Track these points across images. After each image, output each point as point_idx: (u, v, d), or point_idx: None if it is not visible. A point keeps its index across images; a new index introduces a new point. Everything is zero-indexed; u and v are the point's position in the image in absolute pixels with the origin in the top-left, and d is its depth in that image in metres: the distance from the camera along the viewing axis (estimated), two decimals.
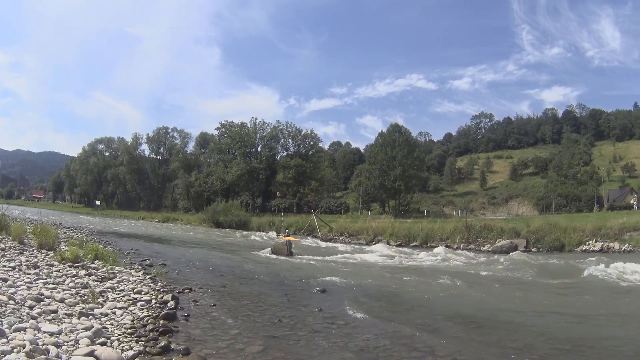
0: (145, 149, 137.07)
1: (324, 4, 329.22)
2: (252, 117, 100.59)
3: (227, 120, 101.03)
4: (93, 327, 6.73)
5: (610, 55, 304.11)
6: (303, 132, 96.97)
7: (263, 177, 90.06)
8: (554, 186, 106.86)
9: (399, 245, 35.15)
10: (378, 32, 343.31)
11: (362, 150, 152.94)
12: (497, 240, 32.86)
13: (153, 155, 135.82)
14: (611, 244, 30.66)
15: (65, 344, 5.89)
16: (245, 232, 51.50)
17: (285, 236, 33.11)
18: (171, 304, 9.31)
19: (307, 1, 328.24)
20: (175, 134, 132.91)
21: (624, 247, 29.92)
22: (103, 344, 6.25)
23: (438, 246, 32.47)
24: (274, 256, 23.59)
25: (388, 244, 35.95)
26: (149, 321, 7.81)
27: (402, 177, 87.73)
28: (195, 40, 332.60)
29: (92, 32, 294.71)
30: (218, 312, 9.42)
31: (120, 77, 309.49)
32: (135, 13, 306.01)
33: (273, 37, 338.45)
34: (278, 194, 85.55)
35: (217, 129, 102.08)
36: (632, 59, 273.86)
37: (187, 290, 11.29)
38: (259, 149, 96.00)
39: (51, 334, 6.10)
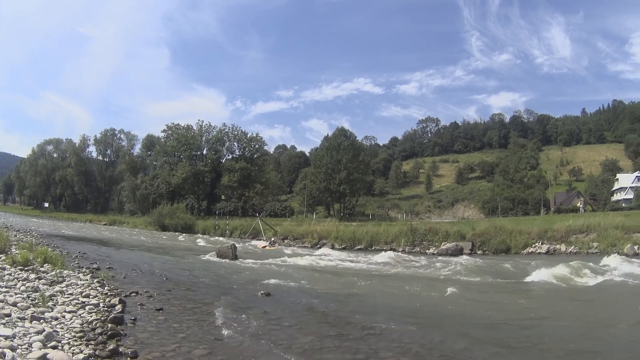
0: (92, 150, 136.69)
1: (273, 6, 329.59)
2: (199, 120, 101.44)
3: (173, 123, 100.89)
4: (45, 330, 6.72)
5: (559, 62, 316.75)
6: (248, 136, 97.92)
7: (208, 180, 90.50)
8: (500, 190, 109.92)
9: (343, 249, 35.50)
10: (326, 35, 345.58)
11: (308, 154, 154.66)
12: (443, 243, 33.20)
13: (100, 157, 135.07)
14: (557, 246, 31.35)
15: (20, 347, 5.90)
16: (190, 236, 51.32)
17: (271, 246, 33.60)
18: (118, 307, 9.33)
19: (256, 4, 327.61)
20: (122, 136, 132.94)
21: (570, 249, 30.59)
22: (55, 347, 6.28)
23: (383, 249, 32.90)
24: (218, 259, 23.60)
25: (333, 247, 36.24)
26: (98, 325, 7.83)
27: (347, 181, 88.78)
28: (145, 41, 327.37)
29: (44, 31, 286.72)
30: (164, 315, 9.45)
31: (70, 77, 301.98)
32: (88, 12, 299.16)
33: (221, 39, 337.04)
34: (223, 197, 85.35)
35: (164, 131, 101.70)
36: (582, 66, 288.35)
37: (134, 294, 11.25)
38: (204, 151, 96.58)
39: (6, 337, 6.10)
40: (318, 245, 38.13)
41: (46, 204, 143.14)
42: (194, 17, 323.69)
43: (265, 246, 34.24)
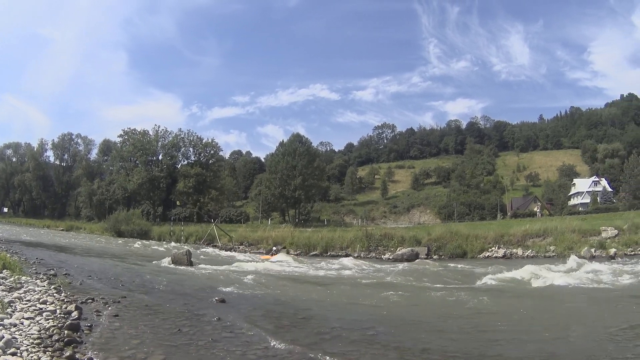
0: (50, 155, 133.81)
1: (231, 11, 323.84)
2: (155, 125, 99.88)
3: (130, 128, 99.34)
4: (4, 337, 6.67)
5: (517, 69, 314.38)
6: (204, 141, 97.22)
7: (164, 185, 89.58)
8: (456, 195, 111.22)
9: (298, 255, 35.44)
10: (283, 41, 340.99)
11: (263, 160, 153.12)
12: (398, 249, 33.32)
13: (58, 162, 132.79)
14: (514, 250, 31.74)
15: None
16: (146, 242, 50.93)
17: (273, 254, 33.18)
18: (75, 314, 9.25)
19: (214, 8, 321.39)
20: (79, 141, 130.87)
21: (527, 253, 30.99)
22: (14, 354, 6.26)
23: (338, 255, 33.08)
24: (173, 266, 23.50)
25: (288, 253, 36.10)
26: (55, 331, 7.75)
27: (302, 187, 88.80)
28: (104, 44, 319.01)
29: (5, 31, 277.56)
30: (120, 322, 9.40)
31: (29, 79, 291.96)
32: (49, 13, 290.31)
33: (179, 43, 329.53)
34: (178, 203, 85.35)
35: (120, 136, 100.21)
36: (540, 73, 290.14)
37: (90, 301, 11.15)
38: (160, 157, 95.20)
39: None
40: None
41: (5, 209, 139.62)
42: (152, 21, 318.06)
43: (268, 257, 32.85)
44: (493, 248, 32.62)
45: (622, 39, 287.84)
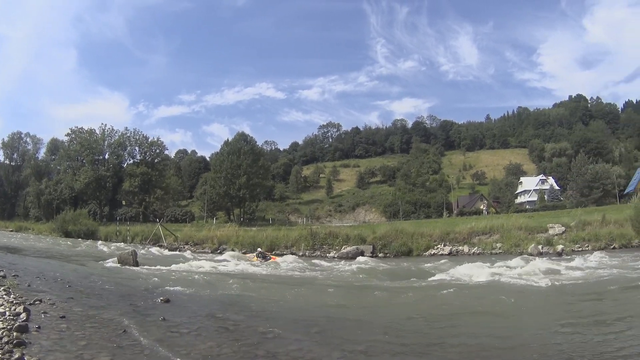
0: (0, 154, 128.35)
1: (180, 9, 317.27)
2: (102, 124, 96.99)
3: (77, 126, 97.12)
4: None
5: (465, 70, 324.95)
6: (150, 140, 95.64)
7: (110, 185, 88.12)
8: (402, 193, 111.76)
9: (244, 253, 34.90)
10: (230, 40, 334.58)
11: (208, 159, 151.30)
12: (343, 247, 33.30)
13: (7, 162, 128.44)
14: (460, 248, 32.14)
15: None
16: (93, 242, 50.02)
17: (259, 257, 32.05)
18: (23, 316, 9.00)
19: (164, 6, 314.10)
20: (28, 140, 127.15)
21: (473, 250, 31.47)
22: None
23: (283, 254, 33.04)
24: (120, 266, 23.19)
25: (233, 251, 35.80)
26: (4, 333, 7.56)
27: (247, 186, 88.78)
28: (54, 42, 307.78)
29: None
30: (67, 323, 9.19)
31: None
32: (5, 11, 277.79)
33: (128, 41, 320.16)
34: (124, 202, 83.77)
35: (68, 135, 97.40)
36: (488, 74, 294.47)
37: (38, 302, 10.85)
38: (106, 156, 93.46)
39: None
40: (218, 251, 37.84)
41: None
42: (102, 18, 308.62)
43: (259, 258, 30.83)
44: (439, 246, 32.95)
45: (573, 41, 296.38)
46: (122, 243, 46.11)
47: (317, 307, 12.70)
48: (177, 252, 37.14)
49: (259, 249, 32.63)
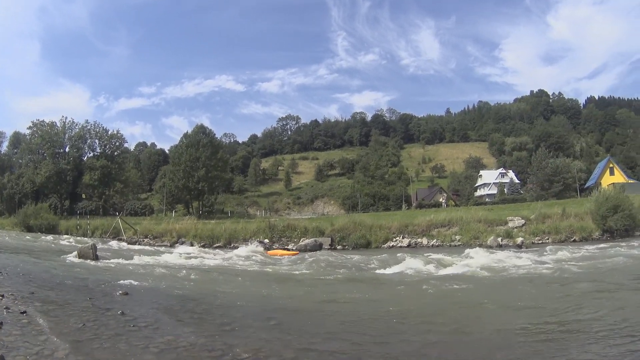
0: None
1: (143, 0, 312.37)
2: (62, 116, 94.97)
3: (39, 119, 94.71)
4: None
5: (426, 64, 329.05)
6: (110, 133, 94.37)
7: (70, 178, 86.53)
8: (360, 186, 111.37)
9: (203, 246, 35.21)
10: (193, 31, 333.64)
11: (168, 151, 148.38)
12: (302, 239, 33.53)
13: None
14: (419, 240, 32.71)
15: None
16: (54, 236, 48.82)
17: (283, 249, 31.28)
18: None
19: None
20: None
21: (432, 242, 32.05)
22: None
23: (240, 246, 32.97)
24: (80, 260, 22.92)
25: (192, 245, 35.96)
26: None
27: (205, 178, 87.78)
28: (19, 34, 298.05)
29: None
30: (28, 318, 9.15)
31: None
32: None
33: (90, 33, 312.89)
34: (84, 196, 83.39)
35: (29, 128, 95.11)
36: (449, 68, 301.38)
37: (0, 297, 10.77)
38: (67, 149, 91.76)
39: None
40: (177, 244, 37.54)
41: None
42: (67, 9, 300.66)
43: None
44: (397, 238, 33.40)
45: (536, 37, 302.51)
46: (83, 237, 45.48)
47: (275, 300, 12.78)
48: (137, 246, 36.80)
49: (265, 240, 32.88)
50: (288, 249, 30.88)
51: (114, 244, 37.92)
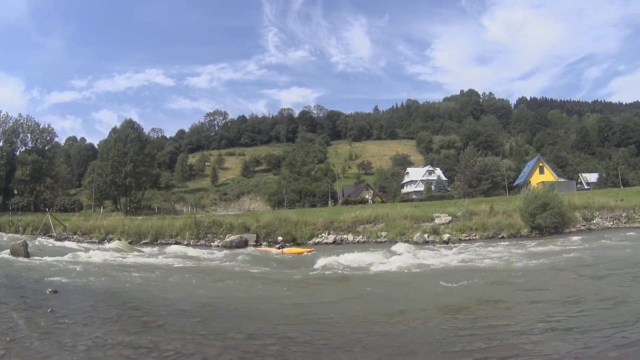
0: None
1: None
2: None
3: None
4: None
5: (356, 61, 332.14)
6: (41, 127, 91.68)
7: (3, 173, 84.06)
8: (286, 182, 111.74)
9: (130, 243, 34.38)
10: (126, 24, 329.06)
11: (97, 146, 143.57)
12: (227, 236, 33.46)
13: None
14: (345, 236, 33.05)
15: None
16: None
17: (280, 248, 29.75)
18: None
19: None
20: None
21: (358, 239, 32.41)
22: None
23: (168, 243, 33.31)
24: (12, 257, 22.46)
25: (119, 241, 34.76)
26: None
27: (133, 174, 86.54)
28: None
29: None
30: None
31: None
32: None
33: (27, 24, 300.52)
34: (16, 191, 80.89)
35: None
36: (379, 66, 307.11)
37: None
38: (0, 143, 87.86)
39: None
40: (105, 240, 37.01)
41: None
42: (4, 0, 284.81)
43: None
44: (323, 234, 33.69)
45: (470, 38, 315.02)
46: (15, 234, 44.14)
47: (200, 297, 12.86)
48: (66, 243, 35.96)
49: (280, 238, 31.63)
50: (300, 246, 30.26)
51: (44, 240, 37.15)
